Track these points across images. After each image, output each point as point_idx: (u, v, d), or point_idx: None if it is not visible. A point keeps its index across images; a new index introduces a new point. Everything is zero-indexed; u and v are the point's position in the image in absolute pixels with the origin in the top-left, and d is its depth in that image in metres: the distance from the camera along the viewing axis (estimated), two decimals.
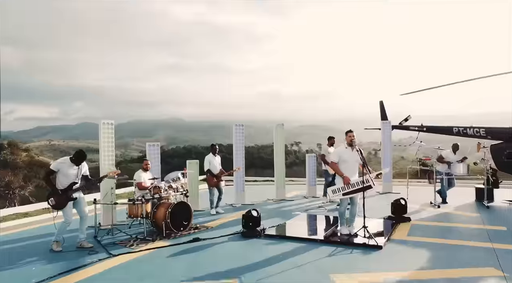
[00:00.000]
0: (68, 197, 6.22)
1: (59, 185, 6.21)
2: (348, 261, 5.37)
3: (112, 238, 6.98)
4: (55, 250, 6.19)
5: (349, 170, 6.50)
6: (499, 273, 4.71)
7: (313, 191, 11.14)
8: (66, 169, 6.21)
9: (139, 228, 7.57)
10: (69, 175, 6.22)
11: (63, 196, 6.18)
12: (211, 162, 8.93)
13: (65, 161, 6.33)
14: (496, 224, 7.33)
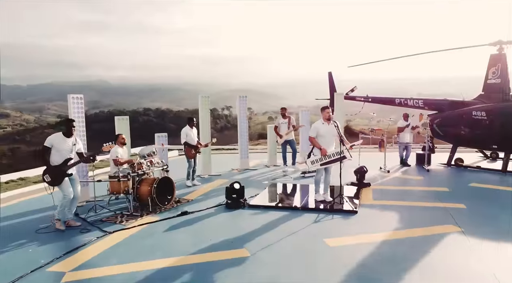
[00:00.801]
0: (64, 173, 6.13)
1: (53, 161, 6.10)
2: (333, 226, 6.10)
3: (96, 215, 7.01)
4: (58, 228, 6.15)
5: (326, 143, 7.16)
6: (457, 229, 5.75)
7: (273, 160, 11.79)
8: (59, 144, 6.11)
9: (119, 204, 7.66)
10: (62, 151, 6.12)
11: (58, 172, 6.09)
12: (188, 135, 9.06)
13: (57, 135, 6.22)
14: (439, 186, 8.59)
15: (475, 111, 10.43)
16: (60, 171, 6.09)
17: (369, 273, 4.43)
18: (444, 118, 11.09)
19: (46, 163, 6.11)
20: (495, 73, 10.55)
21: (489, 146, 10.74)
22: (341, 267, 4.56)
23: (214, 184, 9.37)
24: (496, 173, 9.82)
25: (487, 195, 7.80)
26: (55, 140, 6.11)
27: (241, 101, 11.14)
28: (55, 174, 6.07)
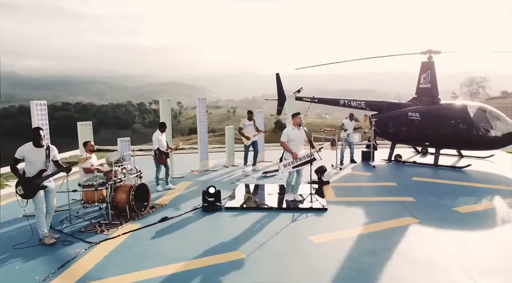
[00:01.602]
0: (38, 185, 5.88)
1: (28, 172, 5.85)
2: (311, 224, 6.73)
3: (72, 226, 6.87)
4: (48, 243, 5.95)
5: (296, 147, 7.75)
6: (415, 220, 6.69)
7: (232, 160, 12.16)
8: (30, 155, 5.83)
9: (91, 213, 7.53)
10: (35, 162, 5.85)
11: (32, 184, 5.83)
12: (160, 140, 9.07)
13: (27, 146, 5.92)
14: (387, 181, 9.68)
15: (410, 112, 11.79)
16: (34, 183, 5.86)
17: (356, 265, 5.09)
18: (385, 118, 12.34)
19: (18, 175, 5.87)
20: (425, 79, 11.99)
21: (422, 143, 12.21)
22: (332, 261, 5.18)
23: (180, 188, 9.50)
24: (430, 167, 11.24)
25: (428, 188, 8.98)
26: (25, 152, 5.83)
27: (200, 103, 11.32)
28: (28, 186, 5.82)
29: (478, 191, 8.56)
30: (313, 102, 14.70)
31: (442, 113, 11.31)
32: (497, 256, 5.28)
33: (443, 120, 11.14)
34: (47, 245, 5.95)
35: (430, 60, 11.94)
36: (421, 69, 12.13)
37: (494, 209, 7.29)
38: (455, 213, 7.05)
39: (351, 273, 4.85)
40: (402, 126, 11.95)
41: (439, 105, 11.58)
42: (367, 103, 13.43)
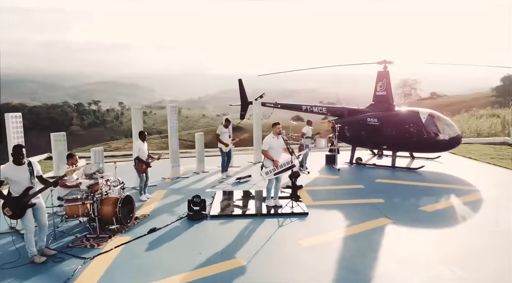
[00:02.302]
0: (26, 204, 5.74)
1: (13, 192, 5.71)
2: (298, 228, 7.15)
3: (58, 241, 6.72)
4: (39, 262, 5.80)
5: (276, 155, 8.17)
6: (389, 221, 7.37)
7: (202, 167, 12.28)
8: (13, 175, 5.68)
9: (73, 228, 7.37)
10: (19, 181, 5.70)
11: (19, 203, 5.69)
12: (141, 149, 9.01)
13: (7, 166, 5.77)
14: (355, 184, 10.38)
15: (369, 118, 12.69)
16: (21, 202, 5.72)
17: (349, 265, 5.61)
18: (346, 123, 13.13)
19: (3, 197, 5.71)
20: (381, 87, 12.96)
21: (380, 146, 13.16)
22: (326, 263, 5.65)
23: (157, 197, 9.50)
24: (388, 168, 12.18)
25: (392, 189, 9.78)
26: (7, 172, 5.67)
27: (172, 111, 11.33)
28: (16, 206, 5.69)
29: (435, 190, 9.51)
30: (276, 108, 15.20)
31: (397, 119, 12.30)
32: (468, 249, 6.06)
33: (399, 125, 12.14)
34: (37, 263, 5.82)
35: (385, 69, 12.92)
36: (377, 77, 13.07)
37: (453, 207, 8.20)
38: (422, 213, 7.85)
39: (346, 274, 5.35)
40: (362, 131, 12.80)
41: (394, 111, 12.58)
42: (328, 109, 14.20)
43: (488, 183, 10.05)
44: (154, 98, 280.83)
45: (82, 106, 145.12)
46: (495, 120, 25.19)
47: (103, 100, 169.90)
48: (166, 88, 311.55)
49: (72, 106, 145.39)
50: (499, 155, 13.92)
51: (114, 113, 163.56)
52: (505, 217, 7.54)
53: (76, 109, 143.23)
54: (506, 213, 7.75)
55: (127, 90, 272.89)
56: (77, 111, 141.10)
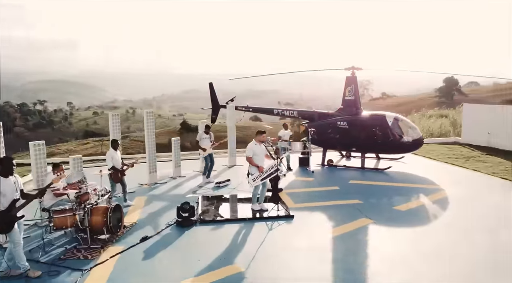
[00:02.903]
0: (14, 218, 5.59)
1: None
2: (288, 231, 7.49)
3: (48, 254, 6.58)
4: (34, 277, 5.67)
5: (260, 161, 8.47)
6: (369, 221, 7.89)
7: (178, 171, 12.29)
8: (1, 186, 5.52)
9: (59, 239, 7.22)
10: (7, 193, 5.55)
11: (7, 218, 5.53)
12: (114, 158, 8.90)
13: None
14: (331, 185, 10.87)
15: (339, 121, 13.30)
16: (9, 216, 5.56)
17: (343, 265, 6.03)
18: (317, 126, 13.65)
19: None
20: (350, 92, 13.62)
21: (350, 148, 13.81)
22: (322, 264, 6.03)
23: (139, 204, 9.44)
24: (358, 170, 12.84)
25: (366, 190, 10.36)
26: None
27: (148, 116, 11.26)
28: (4, 220, 5.52)
29: (405, 190, 10.22)
30: (247, 111, 15.47)
31: (366, 122, 13.00)
32: (447, 244, 6.67)
33: (367, 128, 12.83)
34: (33, 278, 5.71)
35: (353, 75, 13.59)
36: (346, 83, 13.72)
37: (424, 205, 8.90)
38: (397, 212, 8.46)
39: (343, 274, 5.75)
40: (332, 134, 13.38)
41: (363, 115, 13.28)
42: (299, 112, 14.68)
43: (449, 181, 10.92)
44: (105, 98, 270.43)
45: (26, 106, 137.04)
46: (444, 121, 26.97)
47: (50, 100, 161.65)
48: (119, 88, 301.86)
49: (14, 106, 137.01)
50: (455, 155, 15.09)
51: (63, 114, 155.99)
52: (470, 214, 8.31)
53: (20, 109, 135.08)
54: (470, 210, 8.53)
55: (76, 90, 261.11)
56: (21, 111, 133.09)
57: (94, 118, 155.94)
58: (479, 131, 17.21)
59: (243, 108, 15.43)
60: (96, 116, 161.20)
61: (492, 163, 13.34)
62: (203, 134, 11.34)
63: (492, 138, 16.57)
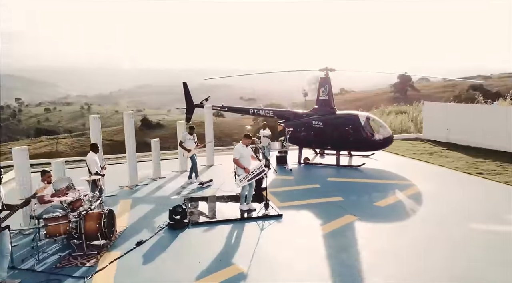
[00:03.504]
0: None
1: None
2: (279, 230, 7.80)
3: (43, 263, 6.49)
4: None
5: (247, 162, 8.74)
6: (354, 217, 8.35)
7: (158, 172, 12.23)
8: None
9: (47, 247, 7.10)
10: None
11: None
12: (96, 161, 8.79)
13: None
14: (311, 183, 11.27)
15: (314, 120, 13.76)
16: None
17: (339, 260, 6.43)
18: (293, 126, 14.02)
19: None
20: (324, 92, 14.11)
21: (325, 147, 14.31)
22: (319, 260, 6.40)
23: (124, 207, 9.37)
24: (333, 167, 13.36)
25: (345, 187, 10.82)
26: None
27: (128, 118, 11.13)
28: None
29: (381, 186, 10.81)
30: (222, 111, 15.58)
31: (339, 121, 13.54)
32: (430, 236, 7.23)
33: (341, 127, 13.37)
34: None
35: (326, 76, 14.09)
36: (320, 83, 14.20)
37: (401, 201, 9.51)
38: (378, 208, 8.99)
39: (340, 269, 6.14)
40: (308, 133, 13.81)
41: (336, 114, 13.82)
42: (275, 112, 15.01)
43: (419, 177, 11.66)
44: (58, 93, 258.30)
45: None
46: (404, 117, 28.34)
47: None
48: (72, 83, 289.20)
49: None
50: (419, 151, 16.04)
51: (10, 110, 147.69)
52: (445, 208, 8.96)
53: None
54: (445, 205, 9.19)
55: (23, 85, 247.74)
56: None
57: (46, 115, 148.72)
58: (439, 128, 18.36)
59: (218, 108, 15.55)
60: (48, 112, 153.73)
61: (453, 158, 14.34)
62: (188, 135, 11.37)
63: (450, 134, 17.74)
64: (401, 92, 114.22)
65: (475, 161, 13.50)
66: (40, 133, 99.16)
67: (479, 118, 16.49)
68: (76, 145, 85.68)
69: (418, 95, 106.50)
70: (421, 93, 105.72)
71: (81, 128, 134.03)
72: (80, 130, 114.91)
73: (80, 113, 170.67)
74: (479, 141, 16.10)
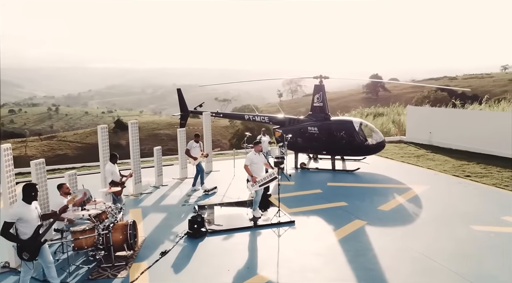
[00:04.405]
0: (40, 244, 5.60)
1: (22, 234, 5.49)
2: (295, 236, 8.16)
3: (75, 275, 6.59)
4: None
5: (259, 169, 9.10)
6: (363, 222, 8.82)
7: (161, 180, 12.33)
8: (26, 213, 5.51)
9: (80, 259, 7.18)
10: (31, 220, 5.54)
11: (34, 243, 5.52)
12: (114, 172, 8.84)
13: (21, 206, 5.57)
14: (312, 189, 11.69)
15: (309, 126, 14.21)
16: (37, 243, 5.55)
17: (359, 265, 6.83)
18: (290, 131, 14.42)
19: (17, 240, 5.51)
20: (318, 99, 14.58)
21: (320, 152, 14.78)
22: (341, 265, 6.80)
23: (136, 216, 9.39)
24: (329, 171, 13.86)
25: (346, 191, 11.30)
26: (21, 213, 5.47)
27: (132, 126, 11.19)
28: (32, 247, 5.51)
29: (380, 190, 11.36)
30: (217, 117, 15.80)
31: (335, 127, 14.06)
32: (441, 238, 7.76)
33: (336, 133, 13.90)
34: None
35: (321, 83, 14.57)
36: (314, 90, 14.68)
37: (402, 204, 10.06)
38: (383, 212, 9.50)
39: (363, 273, 6.54)
40: (304, 138, 14.26)
41: (331, 120, 14.33)
42: (270, 118, 15.37)
43: (413, 180, 12.31)
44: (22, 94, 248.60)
45: None
46: (384, 119, 29.33)
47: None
48: (38, 83, 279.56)
49: None
50: (406, 154, 16.82)
51: None
52: (446, 210, 9.55)
53: None
54: (444, 207, 9.78)
55: None
56: None
57: (11, 117, 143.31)
58: (421, 131, 19.27)
59: (213, 114, 15.73)
60: (12, 114, 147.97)
61: (440, 161, 15.15)
62: (194, 143, 11.54)
63: (433, 137, 18.66)
64: (373, 93, 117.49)
65: (461, 164, 14.33)
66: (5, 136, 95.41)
67: (460, 122, 17.46)
68: (47, 148, 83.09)
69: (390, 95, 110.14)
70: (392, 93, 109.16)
71: (49, 130, 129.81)
72: (48, 133, 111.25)
73: (48, 115, 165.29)
74: (460, 143, 17.05)
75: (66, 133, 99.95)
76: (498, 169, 13.28)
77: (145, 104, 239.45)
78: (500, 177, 12.30)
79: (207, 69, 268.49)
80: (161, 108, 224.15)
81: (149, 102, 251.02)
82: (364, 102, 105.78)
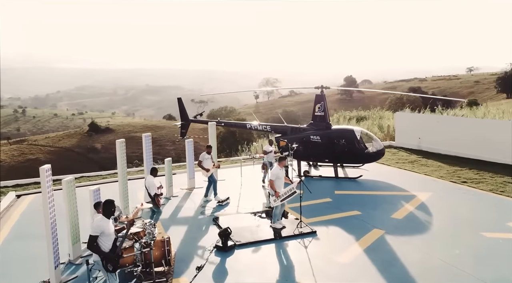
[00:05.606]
0: (119, 255, 5.98)
1: (104, 247, 5.81)
2: (320, 246, 8.51)
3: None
4: None
5: (282, 183, 9.45)
6: (381, 231, 9.25)
7: (170, 191, 12.38)
8: (108, 227, 5.90)
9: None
10: (111, 234, 5.93)
11: (115, 256, 5.87)
12: (154, 185, 9.15)
13: (102, 220, 5.91)
14: (322, 198, 12.06)
15: (312, 135, 14.61)
16: (117, 255, 5.90)
17: (390, 274, 7.23)
18: (293, 140, 14.75)
19: (102, 253, 5.81)
20: (319, 108, 15.00)
21: (323, 160, 15.19)
22: (372, 275, 7.19)
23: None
24: (333, 179, 14.29)
25: (356, 200, 11.69)
26: (103, 227, 5.83)
27: (146, 140, 11.21)
28: (114, 259, 5.85)
29: (387, 198, 11.83)
30: (219, 126, 15.93)
31: (336, 136, 14.50)
32: (456, 244, 8.26)
33: (338, 141, 14.34)
34: None
35: (322, 93, 14.99)
36: (315, 100, 15.09)
37: (412, 212, 10.57)
38: (397, 220, 9.97)
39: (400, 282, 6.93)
40: (307, 147, 14.63)
41: (332, 129, 14.78)
42: (272, 127, 15.67)
43: (414, 187, 12.90)
44: None
45: None
46: (368, 123, 30.14)
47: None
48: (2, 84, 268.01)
49: None
50: (400, 159, 17.51)
51: None
52: (456, 219, 10.09)
53: None
54: (453, 214, 10.34)
55: None
56: None
57: None
58: (410, 136, 20.08)
59: (215, 123, 15.86)
60: None
61: (434, 166, 15.89)
62: (205, 155, 11.66)
63: (421, 142, 19.48)
64: (347, 95, 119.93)
65: (455, 170, 15.10)
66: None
67: (447, 128, 18.33)
68: (17, 153, 79.86)
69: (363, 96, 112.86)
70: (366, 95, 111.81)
71: (16, 133, 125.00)
72: (15, 136, 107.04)
73: (14, 117, 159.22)
74: (448, 149, 17.91)
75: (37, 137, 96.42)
76: (490, 174, 14.09)
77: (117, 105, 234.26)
78: (494, 182, 13.08)
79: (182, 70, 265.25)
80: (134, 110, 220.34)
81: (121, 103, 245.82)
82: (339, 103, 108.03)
